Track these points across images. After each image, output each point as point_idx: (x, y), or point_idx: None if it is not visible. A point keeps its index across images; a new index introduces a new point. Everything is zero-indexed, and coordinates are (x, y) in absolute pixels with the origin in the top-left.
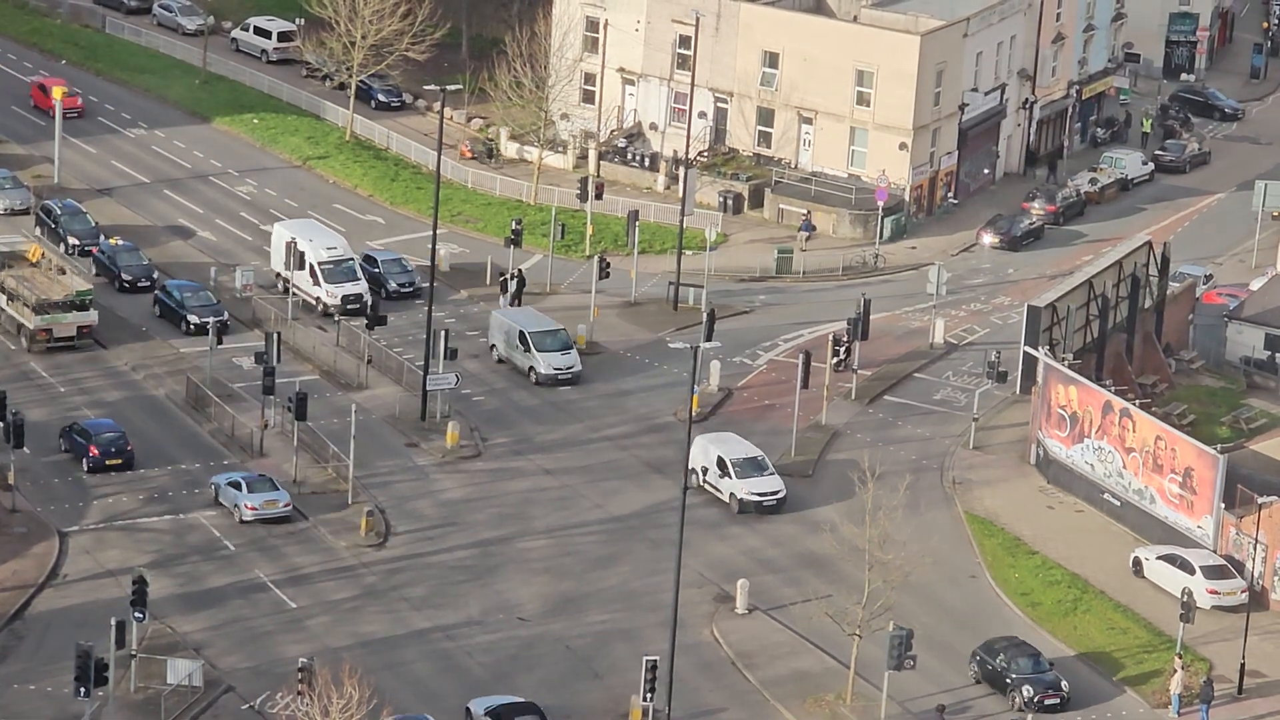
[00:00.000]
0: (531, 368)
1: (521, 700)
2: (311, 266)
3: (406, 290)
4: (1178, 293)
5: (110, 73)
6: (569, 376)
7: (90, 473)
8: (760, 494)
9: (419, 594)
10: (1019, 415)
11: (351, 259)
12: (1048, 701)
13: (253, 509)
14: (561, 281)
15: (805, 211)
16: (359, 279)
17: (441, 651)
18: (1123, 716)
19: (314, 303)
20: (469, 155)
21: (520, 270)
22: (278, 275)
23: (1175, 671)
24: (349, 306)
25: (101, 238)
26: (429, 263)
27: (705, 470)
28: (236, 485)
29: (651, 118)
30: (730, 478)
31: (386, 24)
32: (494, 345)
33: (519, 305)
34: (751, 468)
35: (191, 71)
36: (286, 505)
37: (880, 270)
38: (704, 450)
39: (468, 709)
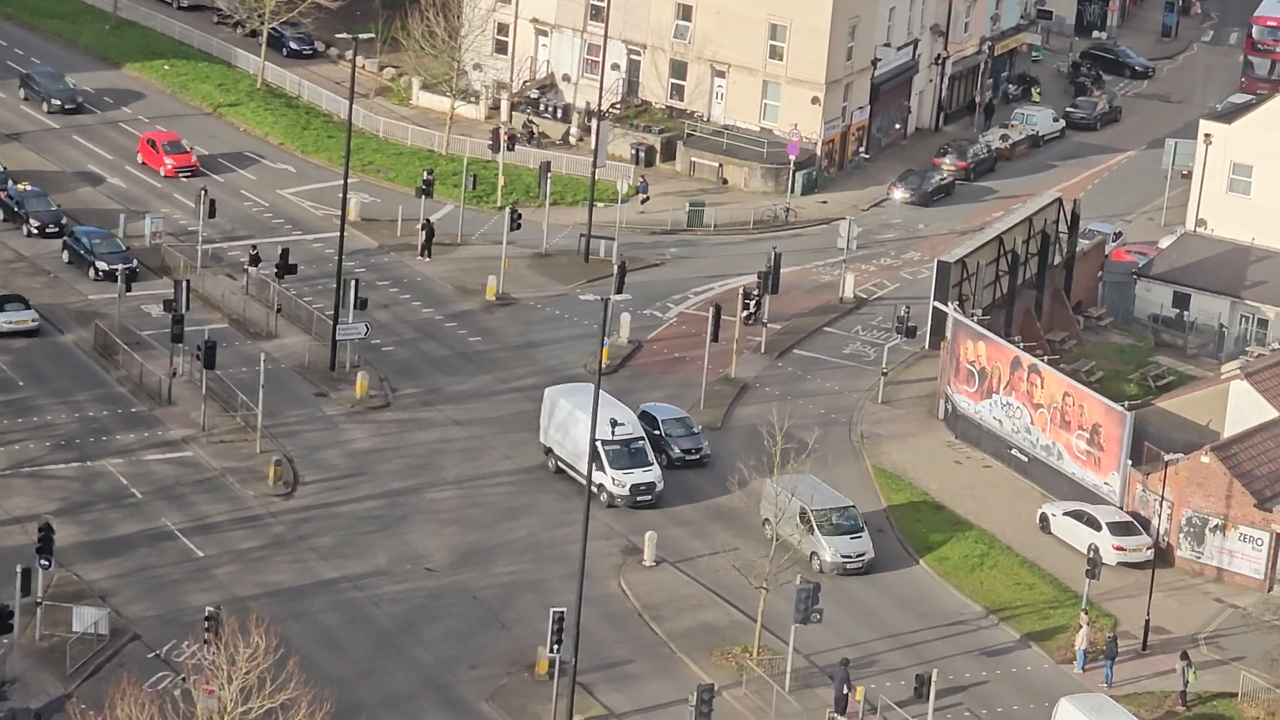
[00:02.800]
0: (814, 553)
1: None
2: (594, 447)
3: (693, 459)
4: (1087, 250)
5: (19, 17)
6: (860, 566)
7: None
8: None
9: (327, 544)
10: (928, 370)
11: (642, 439)
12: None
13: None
14: (473, 233)
15: (642, 176)
16: (651, 464)
17: (349, 601)
18: (1028, 672)
19: (595, 490)
20: (506, 137)
21: (429, 220)
22: (548, 452)
23: (1080, 627)
24: (640, 498)
25: (10, 183)
26: (339, 211)
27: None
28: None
29: (564, 69)
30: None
31: None
32: (766, 520)
33: (429, 256)
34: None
35: (102, 17)
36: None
37: (791, 224)
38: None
39: None
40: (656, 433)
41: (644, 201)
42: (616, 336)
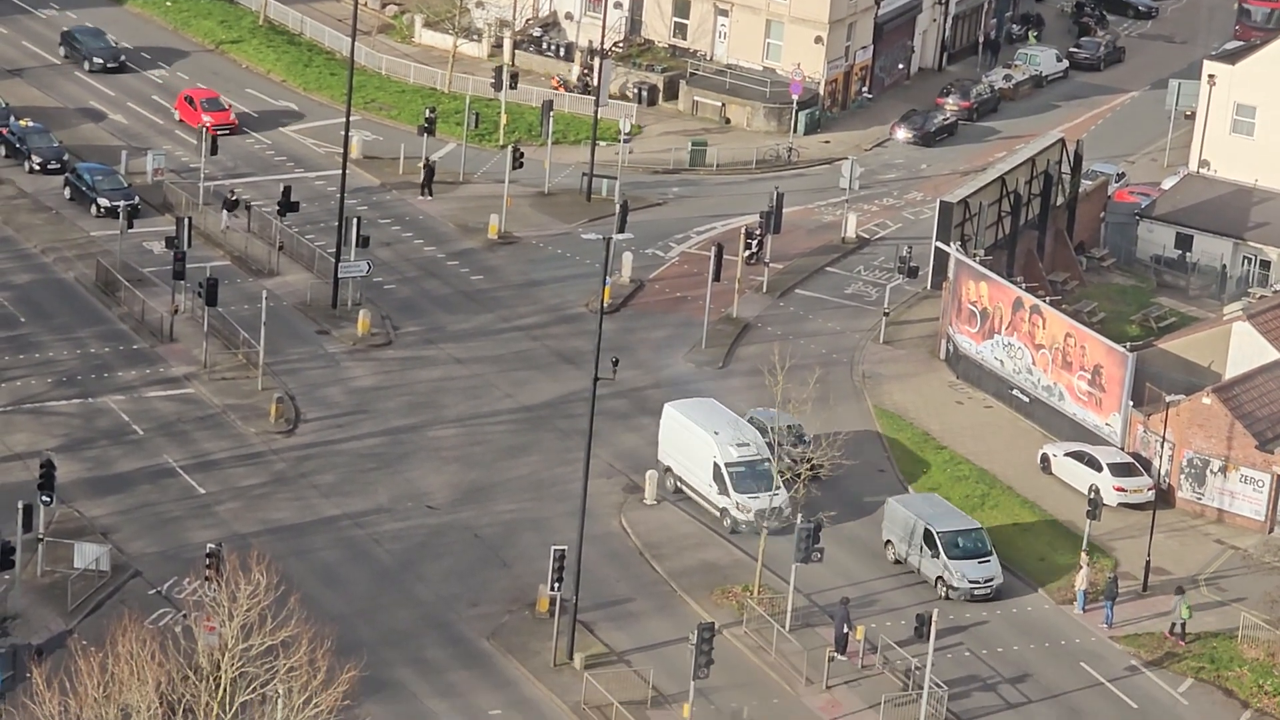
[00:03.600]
0: (940, 577)
1: None
2: (716, 467)
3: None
4: (1090, 190)
5: None
6: (988, 591)
7: None
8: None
9: (328, 481)
10: (929, 310)
11: (768, 460)
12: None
13: None
14: (475, 171)
15: (630, 121)
16: (779, 488)
17: (350, 539)
18: (1028, 612)
19: (717, 514)
20: (558, 87)
21: (430, 159)
22: (666, 470)
23: (1080, 568)
24: (765, 523)
25: (11, 119)
26: (342, 149)
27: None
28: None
29: (567, 7)
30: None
31: None
32: (889, 541)
33: (429, 195)
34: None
35: None
36: None
37: (793, 164)
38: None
39: None
40: (766, 440)
41: (630, 152)
42: (618, 275)
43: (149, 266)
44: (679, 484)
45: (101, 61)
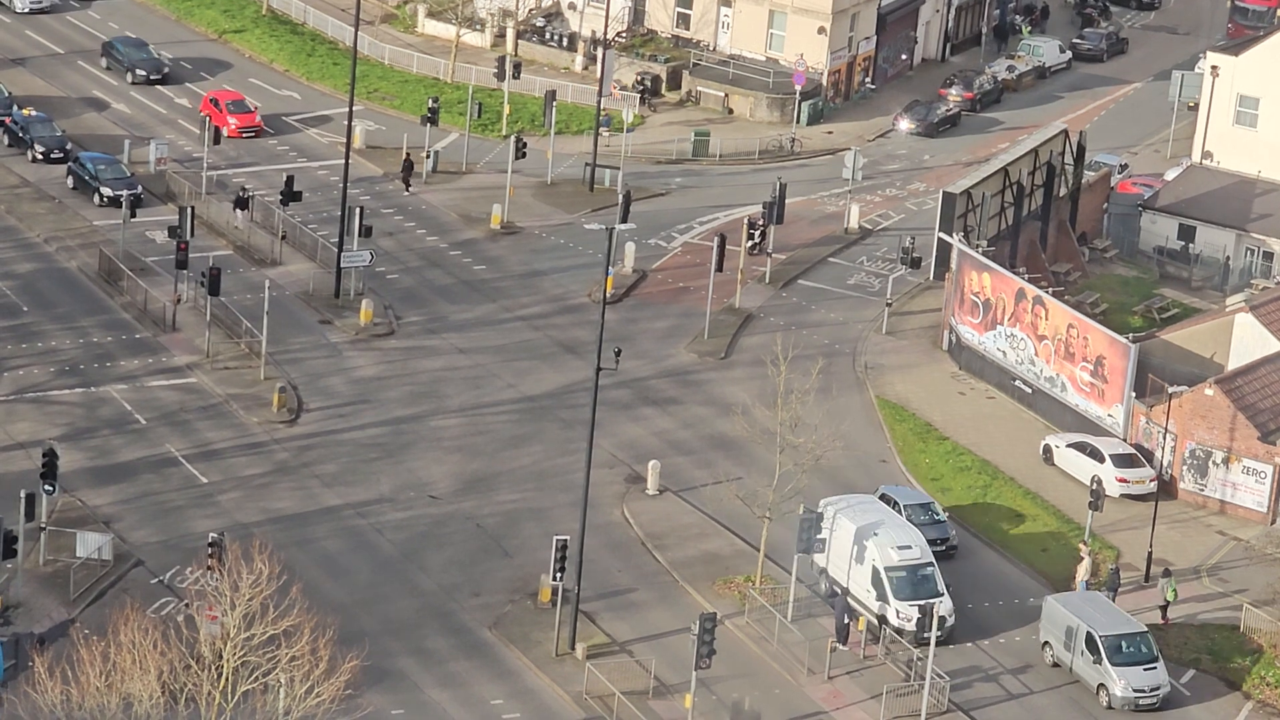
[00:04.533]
0: (1101, 685)
1: None
2: (875, 571)
3: (939, 550)
4: (1093, 181)
5: None
6: (1154, 701)
7: None
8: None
9: (330, 471)
10: (932, 301)
11: (931, 565)
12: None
13: None
14: (478, 161)
15: (606, 112)
16: (942, 594)
17: (352, 529)
18: (1030, 603)
19: (876, 622)
20: (617, 94)
21: (409, 154)
22: (821, 571)
23: (1082, 559)
24: (924, 634)
25: (14, 108)
26: (345, 139)
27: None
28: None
29: None
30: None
31: None
32: (1046, 643)
33: (408, 188)
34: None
35: None
36: None
37: (796, 154)
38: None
39: None
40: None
41: (609, 135)
42: (621, 266)
43: (152, 256)
44: (834, 588)
45: (145, 74)
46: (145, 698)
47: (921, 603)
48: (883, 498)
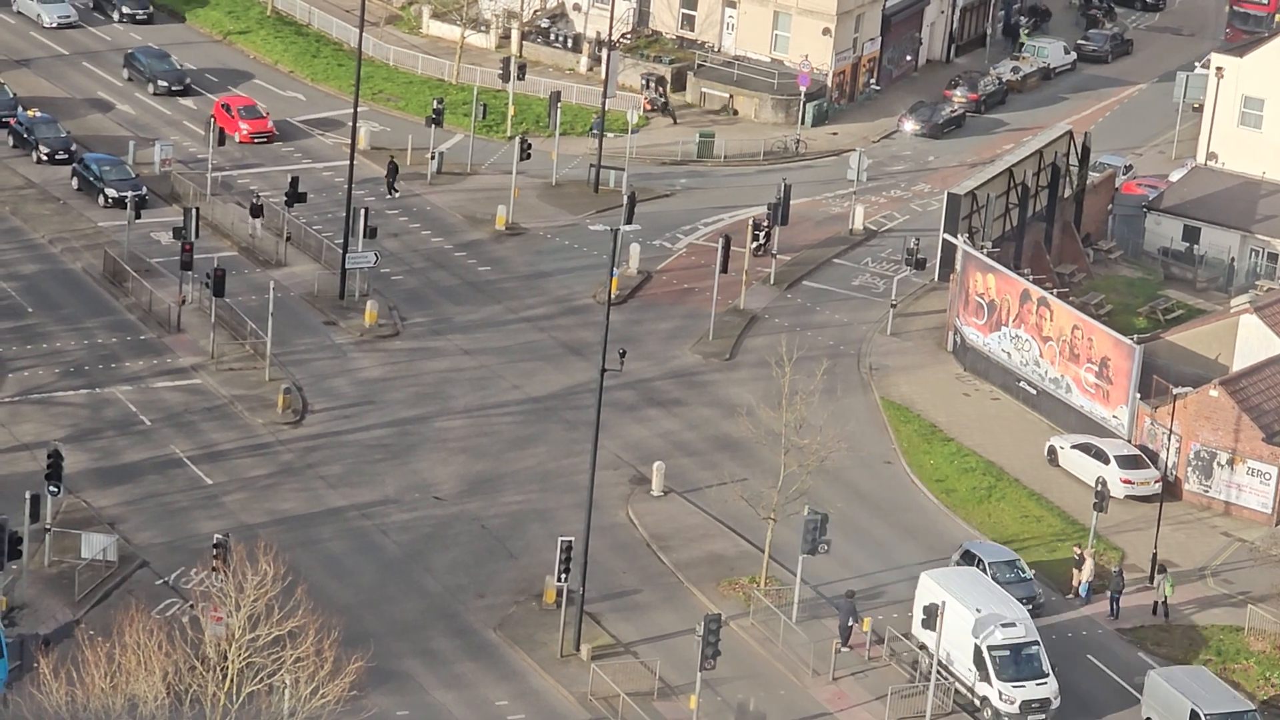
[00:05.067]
0: None
1: None
2: (977, 650)
3: (1025, 607)
4: (1097, 183)
5: None
6: None
7: None
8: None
9: (335, 472)
10: (937, 302)
11: (1036, 643)
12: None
13: None
14: (482, 162)
15: (596, 114)
16: (1046, 675)
17: (357, 530)
18: (1036, 604)
19: (977, 704)
20: (649, 108)
21: (393, 158)
22: (921, 647)
23: (1085, 560)
24: (1031, 717)
25: (19, 109)
26: (349, 141)
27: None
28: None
29: None
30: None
31: None
32: (1149, 719)
33: (393, 194)
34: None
35: None
36: None
37: (801, 155)
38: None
39: None
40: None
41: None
42: (625, 267)
43: (156, 257)
44: (936, 668)
45: (166, 85)
46: (150, 699)
47: (1025, 684)
48: (966, 554)
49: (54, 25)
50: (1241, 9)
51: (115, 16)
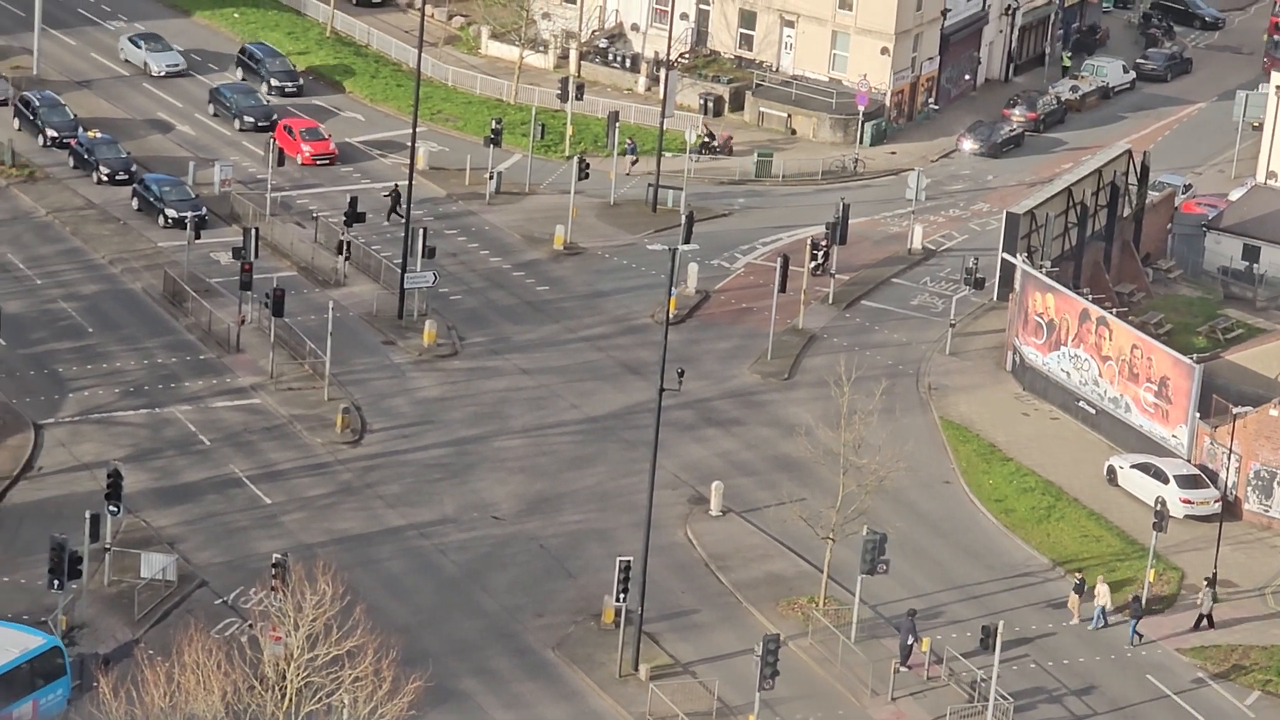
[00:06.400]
0: None
1: None
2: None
3: None
4: (1157, 202)
5: None
6: None
7: None
8: None
9: (394, 491)
10: (996, 322)
11: None
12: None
13: None
14: (541, 182)
15: (630, 138)
16: None
17: (416, 549)
18: (1094, 625)
19: None
20: (717, 141)
21: (396, 185)
22: None
23: (1083, 586)
24: None
25: (80, 130)
26: (408, 160)
27: None
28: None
29: (633, 18)
30: None
31: None
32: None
33: (389, 219)
34: None
35: None
36: None
37: (860, 175)
38: None
39: None
40: None
41: (634, 163)
42: (684, 286)
43: (216, 277)
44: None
45: (253, 120)
46: (209, 718)
47: None
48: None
49: (162, 74)
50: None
51: (264, 89)
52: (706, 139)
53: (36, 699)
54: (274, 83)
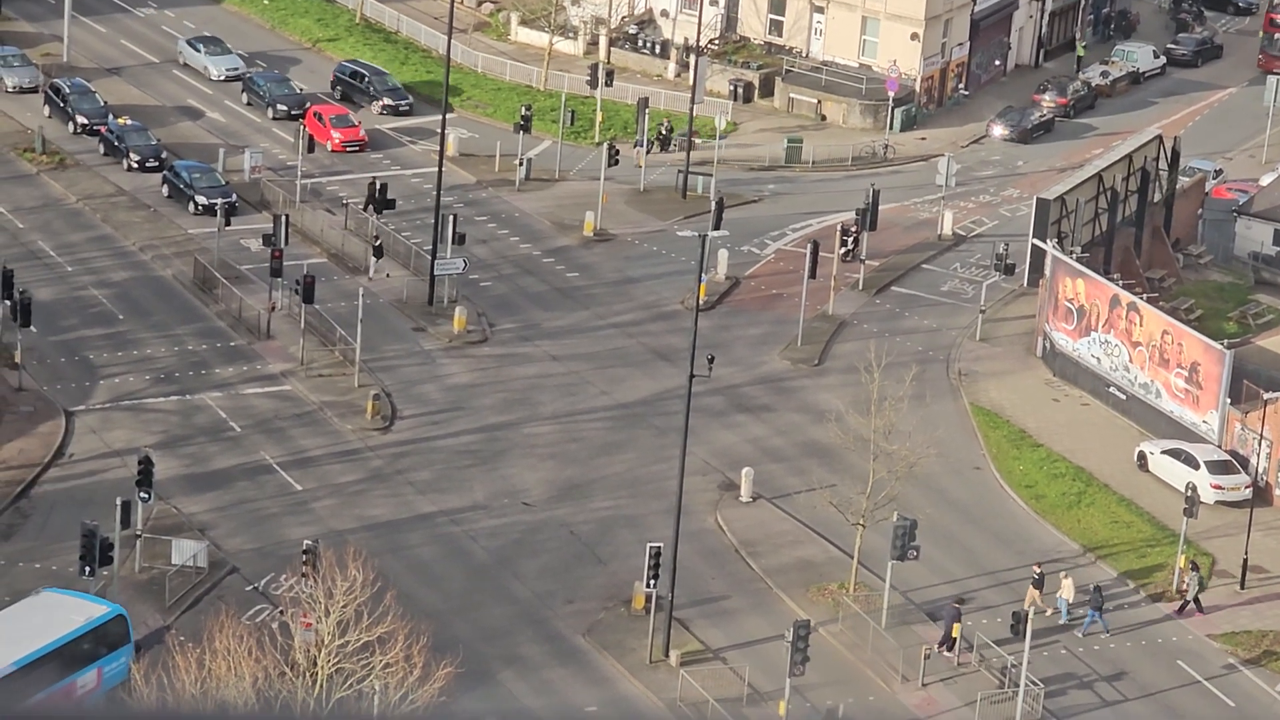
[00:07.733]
0: None
1: None
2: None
3: None
4: (1187, 187)
5: None
6: None
7: None
8: None
9: (424, 478)
10: (1026, 308)
11: None
12: None
13: None
14: (570, 168)
15: (665, 120)
16: None
17: (446, 535)
18: (1125, 610)
19: None
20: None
21: (375, 178)
22: None
23: (1043, 580)
24: None
25: (110, 117)
26: (438, 147)
27: None
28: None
29: (663, 4)
30: None
31: None
32: None
33: (365, 209)
34: None
35: None
36: None
37: (890, 161)
38: None
39: None
40: None
41: (648, 152)
42: (714, 273)
43: (246, 264)
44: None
45: (286, 109)
46: (240, 704)
47: None
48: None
49: (221, 78)
50: (1276, 34)
51: (375, 110)
52: (666, 131)
53: (101, 667)
54: (388, 102)
